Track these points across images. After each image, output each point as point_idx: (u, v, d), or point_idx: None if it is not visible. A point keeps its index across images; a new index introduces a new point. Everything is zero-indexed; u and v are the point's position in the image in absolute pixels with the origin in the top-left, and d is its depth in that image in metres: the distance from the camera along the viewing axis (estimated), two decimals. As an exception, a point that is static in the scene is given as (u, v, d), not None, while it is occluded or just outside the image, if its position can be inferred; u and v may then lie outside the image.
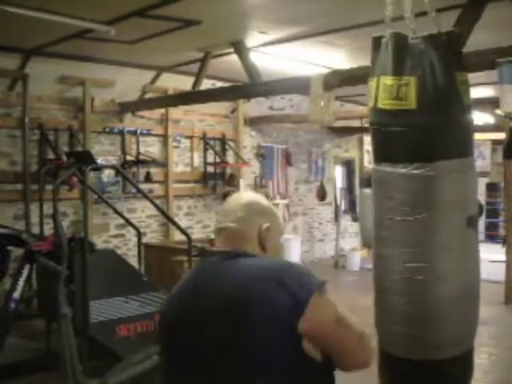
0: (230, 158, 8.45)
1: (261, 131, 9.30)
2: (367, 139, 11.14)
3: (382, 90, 2.36)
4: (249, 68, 5.38)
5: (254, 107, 8.45)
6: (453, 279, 2.37)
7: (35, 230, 5.96)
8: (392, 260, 2.42)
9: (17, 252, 4.90)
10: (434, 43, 2.32)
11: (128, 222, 5.37)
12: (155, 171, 7.39)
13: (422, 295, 2.37)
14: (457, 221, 2.35)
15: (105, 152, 6.90)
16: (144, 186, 6.49)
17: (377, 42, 2.44)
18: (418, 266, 2.35)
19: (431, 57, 2.30)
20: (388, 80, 2.35)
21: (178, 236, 6.52)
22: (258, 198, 1.71)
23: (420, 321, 2.39)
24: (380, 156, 2.46)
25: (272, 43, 5.43)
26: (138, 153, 7.14)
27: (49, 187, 5.77)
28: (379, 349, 2.54)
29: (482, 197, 11.62)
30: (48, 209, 5.82)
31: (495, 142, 9.31)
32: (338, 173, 11.35)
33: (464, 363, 2.47)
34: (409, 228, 2.36)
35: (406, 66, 2.33)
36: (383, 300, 2.51)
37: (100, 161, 6.19)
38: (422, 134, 2.31)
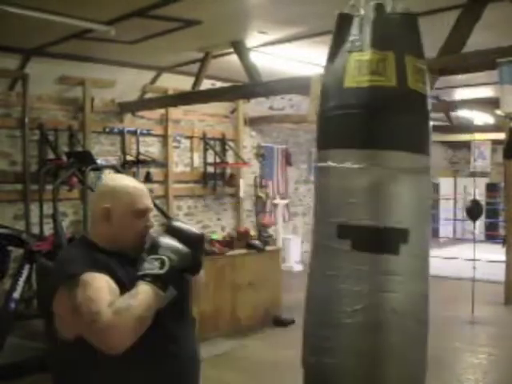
0: (230, 158, 8.45)
1: (261, 131, 9.30)
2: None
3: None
4: (249, 68, 5.38)
5: (254, 107, 8.45)
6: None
7: (35, 230, 5.96)
8: (311, 264, 2.23)
9: (17, 252, 4.90)
10: (336, 25, 2.29)
11: (128, 222, 5.36)
12: (155, 171, 7.39)
13: (330, 312, 2.05)
14: (325, 224, 2.03)
15: (105, 152, 6.90)
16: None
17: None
18: (327, 274, 2.06)
19: (332, 40, 2.28)
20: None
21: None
22: (108, 180, 1.88)
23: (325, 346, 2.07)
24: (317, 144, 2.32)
25: (272, 43, 5.43)
26: (138, 153, 7.13)
27: (49, 187, 5.78)
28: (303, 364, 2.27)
29: (481, 197, 11.62)
30: (48, 209, 5.82)
31: (495, 142, 9.30)
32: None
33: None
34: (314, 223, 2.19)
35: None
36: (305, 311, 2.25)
37: (100, 161, 6.19)
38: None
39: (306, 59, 6.03)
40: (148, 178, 7.24)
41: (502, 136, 6.60)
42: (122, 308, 1.55)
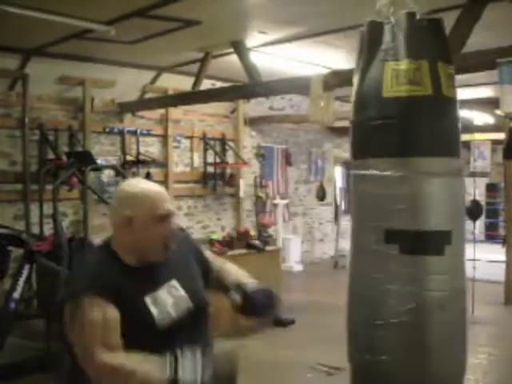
0: (230, 158, 8.45)
1: (261, 131, 9.30)
2: (367, 139, 11.12)
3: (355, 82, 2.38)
4: (249, 68, 5.38)
5: (254, 107, 8.45)
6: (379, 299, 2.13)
7: (35, 230, 5.96)
8: (354, 268, 2.28)
9: (17, 252, 4.89)
10: (368, 33, 2.25)
11: (128, 222, 5.36)
12: (155, 171, 7.39)
13: (378, 313, 2.14)
14: (372, 230, 2.11)
15: (105, 152, 6.90)
16: (144, 186, 6.49)
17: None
18: (374, 277, 2.14)
19: (365, 49, 2.23)
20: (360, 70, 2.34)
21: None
22: (128, 185, 1.78)
23: (380, 345, 2.13)
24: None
25: (272, 43, 5.43)
26: (138, 153, 7.13)
27: (49, 187, 5.78)
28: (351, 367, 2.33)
29: (481, 197, 11.61)
30: (48, 209, 5.82)
31: (495, 142, 9.29)
32: (338, 173, 11.36)
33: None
34: (355, 230, 2.28)
35: (357, 61, 2.27)
36: (349, 315, 2.32)
37: (100, 161, 6.19)
38: (351, 131, 2.27)
39: (306, 59, 6.04)
40: (148, 178, 7.24)
41: (502, 136, 6.60)
42: (127, 366, 1.52)
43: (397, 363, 2.08)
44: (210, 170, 8.15)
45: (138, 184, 1.76)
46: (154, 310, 1.65)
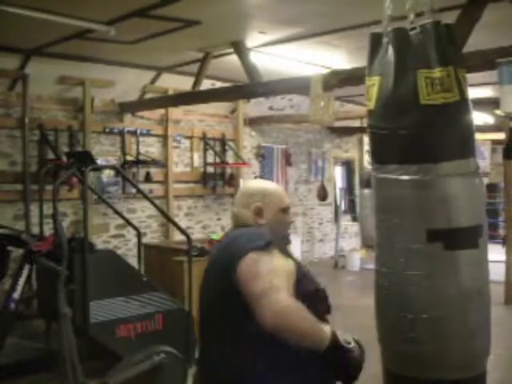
0: (230, 158, 8.45)
1: (261, 131, 9.30)
2: (367, 139, 11.11)
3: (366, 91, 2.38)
4: (249, 68, 5.38)
5: (254, 107, 8.45)
6: (428, 292, 2.23)
7: (35, 230, 5.96)
8: (391, 268, 2.32)
9: (17, 252, 4.89)
10: (394, 39, 2.23)
11: (128, 223, 5.37)
12: (155, 171, 7.39)
13: (420, 307, 2.24)
14: (415, 232, 2.21)
15: (105, 152, 6.90)
16: (144, 187, 6.50)
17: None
18: (412, 274, 2.23)
19: (390, 53, 2.22)
20: (366, 81, 2.36)
21: (178, 236, 6.52)
22: (254, 183, 2.15)
23: (422, 336, 2.25)
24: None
25: (272, 43, 5.44)
26: (138, 153, 7.13)
27: (49, 187, 5.78)
28: (383, 366, 2.44)
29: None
30: (48, 209, 5.82)
31: (495, 142, 9.30)
32: (338, 173, 11.36)
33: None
34: (379, 230, 2.33)
35: (376, 65, 2.27)
36: (384, 312, 2.40)
37: (100, 161, 6.19)
38: (378, 136, 2.28)
39: (305, 59, 6.04)
40: (148, 178, 7.25)
41: (502, 136, 6.61)
42: (302, 310, 1.63)
43: (442, 350, 2.24)
44: (210, 170, 8.15)
45: (261, 181, 2.18)
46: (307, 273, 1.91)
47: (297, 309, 1.63)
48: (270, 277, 1.65)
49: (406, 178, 2.19)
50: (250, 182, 2.21)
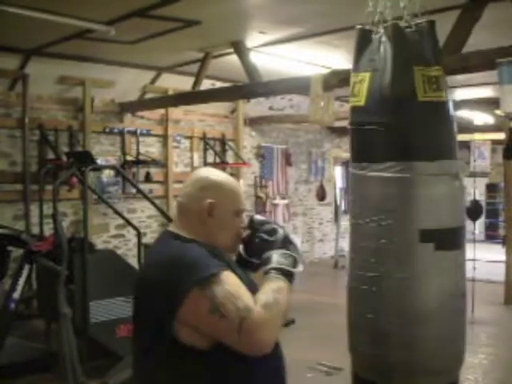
0: (230, 158, 8.45)
1: (261, 131, 9.30)
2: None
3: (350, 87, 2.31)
4: (249, 68, 5.38)
5: (254, 107, 8.45)
6: (420, 297, 2.16)
7: (35, 230, 5.96)
8: (360, 268, 2.25)
9: (17, 252, 4.90)
10: (392, 35, 2.17)
11: (128, 223, 5.37)
12: (155, 171, 7.39)
13: (404, 310, 2.16)
14: (407, 232, 2.14)
15: (105, 152, 6.90)
16: (144, 187, 6.49)
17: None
18: (377, 276, 2.17)
19: (386, 50, 2.16)
20: (352, 77, 2.29)
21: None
22: (209, 173, 1.74)
23: (400, 342, 2.17)
24: (351, 155, 2.39)
25: (272, 43, 5.44)
26: (138, 153, 7.13)
27: (49, 187, 5.78)
28: (352, 372, 2.36)
29: (482, 197, 11.62)
30: (48, 209, 5.82)
31: (495, 142, 9.29)
32: (338, 173, 11.36)
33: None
34: (365, 233, 2.22)
35: (364, 61, 2.21)
36: (352, 314, 2.33)
37: (100, 161, 6.19)
38: (370, 132, 2.19)
39: (305, 59, 6.04)
40: (148, 178, 7.25)
41: (502, 136, 6.60)
42: (271, 302, 1.49)
43: (432, 353, 2.20)
44: (210, 170, 8.14)
45: (220, 173, 1.75)
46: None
47: (268, 315, 1.47)
48: (229, 305, 1.45)
49: (398, 175, 2.13)
50: (205, 171, 1.76)
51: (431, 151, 2.14)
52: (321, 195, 10.39)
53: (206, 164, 8.08)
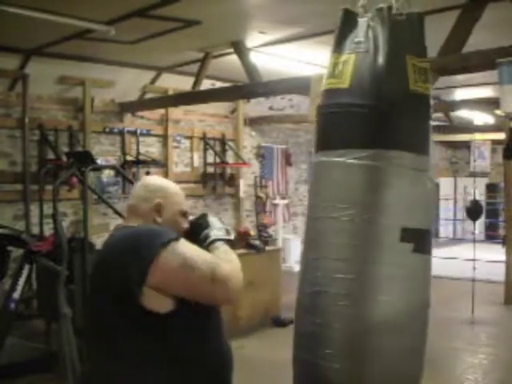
0: (230, 158, 8.45)
1: (261, 131, 9.30)
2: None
3: (326, 70, 2.17)
4: (249, 68, 5.38)
5: (254, 107, 8.45)
6: (386, 301, 1.95)
7: (35, 230, 5.96)
8: (310, 269, 2.06)
9: (17, 252, 4.89)
10: (382, 18, 2.06)
11: (128, 222, 5.36)
12: (155, 171, 7.39)
13: (345, 316, 1.96)
14: (386, 229, 1.96)
15: (105, 152, 6.90)
16: (144, 186, 6.49)
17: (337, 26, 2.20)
18: (336, 277, 1.96)
19: (377, 33, 2.06)
20: (330, 59, 2.18)
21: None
22: (156, 179, 2.01)
23: (344, 351, 1.97)
24: (316, 143, 2.15)
25: (272, 43, 5.44)
26: (138, 153, 7.14)
27: (49, 187, 5.78)
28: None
29: (482, 197, 11.61)
30: (48, 209, 5.82)
31: (495, 142, 9.31)
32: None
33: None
34: (328, 227, 2.01)
35: (349, 43, 2.10)
36: (300, 320, 2.11)
37: (100, 161, 6.19)
38: (352, 116, 2.02)
39: (305, 59, 6.04)
40: (148, 178, 7.24)
41: (502, 136, 6.60)
42: (229, 259, 1.73)
43: (389, 366, 2.00)
44: (210, 170, 8.15)
45: (164, 180, 2.02)
46: None
47: (232, 266, 1.70)
48: (197, 259, 1.64)
49: (380, 164, 1.96)
50: (152, 178, 2.05)
51: (415, 143, 2.01)
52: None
53: (206, 164, 8.09)
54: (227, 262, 1.70)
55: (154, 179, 2.01)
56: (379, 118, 1.99)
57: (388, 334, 1.95)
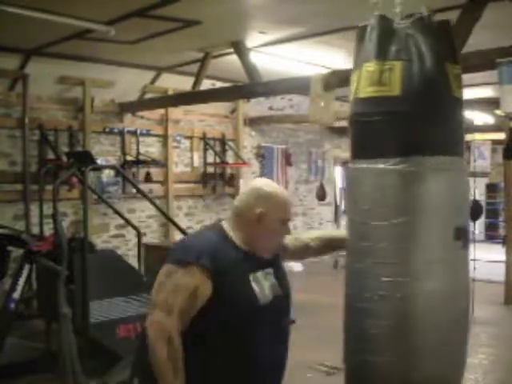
0: (230, 158, 8.45)
1: (261, 131, 9.30)
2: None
3: (364, 77, 2.13)
4: (249, 68, 5.38)
5: (254, 107, 8.45)
6: (436, 301, 2.07)
7: (35, 230, 5.96)
8: (364, 274, 2.11)
9: (17, 252, 4.90)
10: (423, 28, 2.11)
11: (128, 223, 5.36)
12: (155, 171, 7.39)
13: (398, 317, 2.06)
14: (442, 230, 2.07)
15: (105, 152, 6.90)
16: (144, 186, 6.48)
17: (361, 32, 2.20)
18: (397, 281, 2.04)
19: (419, 42, 2.11)
20: (370, 66, 2.12)
21: (178, 236, 6.51)
22: (264, 184, 1.99)
23: (395, 350, 2.07)
24: (357, 152, 2.20)
25: (272, 43, 5.44)
26: (138, 153, 7.14)
27: (49, 187, 5.78)
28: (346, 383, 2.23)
29: (482, 197, 11.61)
30: (48, 209, 5.82)
31: (495, 142, 9.30)
32: (338, 173, 11.35)
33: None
34: (385, 235, 2.07)
35: (391, 50, 2.11)
36: (355, 325, 2.18)
37: (100, 161, 6.19)
38: (405, 123, 2.07)
39: (305, 59, 6.04)
40: (148, 178, 7.24)
41: (502, 136, 6.60)
42: (158, 341, 1.72)
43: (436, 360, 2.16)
44: (210, 170, 8.15)
45: (273, 185, 2.00)
46: (255, 287, 1.86)
47: (158, 329, 1.72)
48: (165, 293, 1.75)
49: (438, 169, 2.07)
50: (261, 182, 2.03)
51: (460, 147, 2.17)
52: (321, 195, 10.39)
53: (205, 164, 8.09)
54: (161, 331, 1.72)
55: (262, 184, 2.00)
56: (429, 125, 2.08)
57: (445, 327, 2.12)
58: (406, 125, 2.07)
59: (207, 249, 1.81)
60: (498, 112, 6.17)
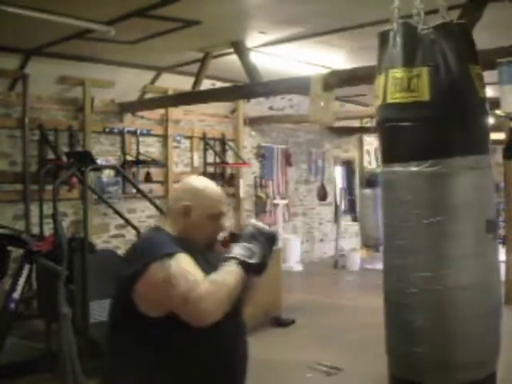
0: (230, 158, 8.45)
1: (261, 131, 9.30)
2: (367, 139, 11.13)
3: (392, 83, 2.20)
4: (249, 68, 5.38)
5: (254, 107, 8.46)
6: (474, 291, 2.20)
7: (35, 230, 5.96)
8: (406, 271, 2.22)
9: (17, 252, 4.90)
10: (446, 33, 2.18)
11: (128, 223, 5.37)
12: (155, 171, 7.39)
13: (440, 309, 2.19)
14: (475, 225, 2.19)
15: (105, 152, 6.90)
16: (144, 186, 6.49)
17: (384, 37, 2.28)
18: (435, 275, 2.16)
19: (443, 47, 2.16)
20: (398, 72, 2.19)
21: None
22: (195, 179, 2.02)
23: (438, 339, 2.20)
24: (389, 156, 2.29)
25: (272, 43, 5.44)
26: (138, 153, 7.14)
27: (49, 187, 5.78)
28: (390, 373, 2.37)
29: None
30: (48, 209, 5.82)
31: (495, 142, 9.29)
32: (338, 173, 11.36)
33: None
34: (423, 233, 2.18)
35: (417, 56, 2.18)
36: (396, 318, 2.31)
37: (100, 161, 6.19)
38: (435, 127, 2.16)
39: (305, 59, 6.04)
40: (148, 178, 7.25)
41: (502, 136, 6.60)
42: (218, 279, 1.69)
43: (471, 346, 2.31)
44: (210, 170, 8.15)
45: (203, 181, 2.00)
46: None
47: (214, 289, 1.66)
48: (182, 279, 1.66)
49: (472, 167, 2.19)
50: (191, 179, 2.05)
51: (486, 145, 2.27)
52: (322, 195, 10.40)
53: (205, 164, 8.09)
54: (213, 283, 1.68)
55: (192, 180, 2.01)
56: (459, 127, 2.17)
57: (482, 315, 2.24)
58: (437, 128, 2.17)
59: (172, 242, 1.80)
60: (498, 112, 6.16)
